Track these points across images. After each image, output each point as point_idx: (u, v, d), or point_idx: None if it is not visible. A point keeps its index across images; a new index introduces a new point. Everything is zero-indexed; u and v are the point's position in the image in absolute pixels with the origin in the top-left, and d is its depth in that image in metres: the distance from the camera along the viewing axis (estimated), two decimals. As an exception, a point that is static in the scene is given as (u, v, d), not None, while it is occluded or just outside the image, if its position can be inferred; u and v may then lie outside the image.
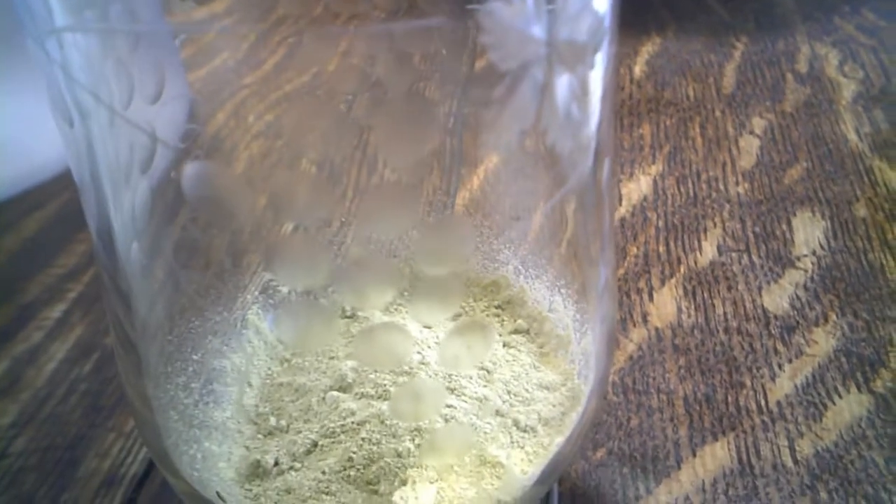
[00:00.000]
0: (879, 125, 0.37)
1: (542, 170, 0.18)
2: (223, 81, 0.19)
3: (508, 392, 0.20)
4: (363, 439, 0.19)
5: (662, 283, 0.30)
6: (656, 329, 0.28)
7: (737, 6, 0.47)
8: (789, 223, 0.32)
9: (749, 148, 0.36)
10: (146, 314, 0.18)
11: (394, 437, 0.18)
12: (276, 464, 0.19)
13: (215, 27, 0.17)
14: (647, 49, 0.44)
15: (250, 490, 0.19)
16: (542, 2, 0.13)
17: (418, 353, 0.20)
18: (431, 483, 0.18)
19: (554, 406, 0.20)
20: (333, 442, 0.19)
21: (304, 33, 0.18)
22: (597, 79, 0.14)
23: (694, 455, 0.24)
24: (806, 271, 0.30)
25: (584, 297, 0.21)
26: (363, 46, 0.18)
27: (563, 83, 0.13)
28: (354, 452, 0.18)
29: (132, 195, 0.15)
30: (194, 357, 0.20)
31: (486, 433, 0.19)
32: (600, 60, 0.13)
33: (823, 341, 0.27)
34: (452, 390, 0.19)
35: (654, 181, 0.34)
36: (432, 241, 0.12)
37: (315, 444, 0.19)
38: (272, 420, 0.20)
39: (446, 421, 0.18)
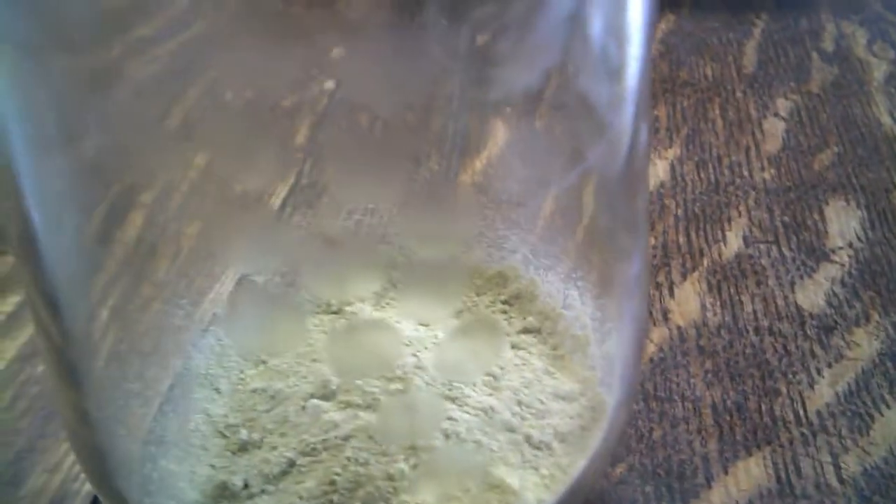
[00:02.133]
0: (914, 108, 0.34)
1: (560, 136, 0.16)
2: (196, 54, 0.16)
3: (519, 402, 0.17)
4: (348, 458, 0.16)
5: (684, 277, 0.27)
6: (678, 328, 0.25)
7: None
8: (821, 212, 0.29)
9: (774, 131, 0.33)
10: (91, 311, 0.15)
11: (384, 455, 0.16)
12: (246, 486, 0.16)
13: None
14: (661, 27, 0.41)
15: (216, 516, 0.16)
16: None
17: (413, 355, 0.17)
18: (428, 512, 0.15)
19: (571, 418, 0.17)
20: (313, 461, 0.16)
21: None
22: (637, 7, 0.11)
23: (726, 472, 0.21)
24: (842, 265, 0.27)
25: (606, 291, 0.18)
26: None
27: (598, 9, 0.10)
28: (338, 474, 0.16)
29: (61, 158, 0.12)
30: (153, 359, 0.18)
31: (492, 451, 0.16)
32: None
33: (866, 343, 0.24)
34: (454, 399, 0.17)
35: (672, 166, 0.32)
36: (427, 217, 0.10)
37: (292, 464, 0.16)
38: (243, 433, 0.17)
39: (447, 437, 0.16)
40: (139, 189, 0.16)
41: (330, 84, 0.18)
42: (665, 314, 0.26)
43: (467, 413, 0.16)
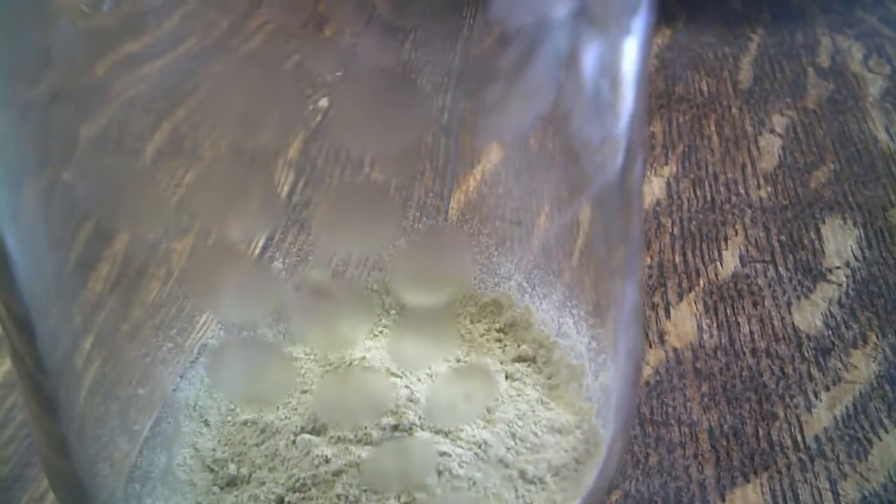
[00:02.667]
0: (910, 124, 0.34)
1: (553, 165, 0.15)
2: (186, 71, 0.16)
3: (513, 436, 0.17)
4: (338, 496, 0.15)
5: (680, 297, 0.27)
6: (675, 350, 0.25)
7: (750, -3, 0.44)
8: (818, 231, 0.29)
9: (770, 148, 0.33)
10: (74, 339, 0.15)
11: (375, 493, 0.15)
12: (233, 525, 0.16)
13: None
14: (657, 41, 0.41)
15: (201, 556, 0.16)
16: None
17: (406, 387, 0.17)
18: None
19: (566, 452, 0.17)
20: (303, 498, 0.16)
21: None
22: (632, 49, 0.10)
23: (723, 499, 0.21)
24: (840, 285, 0.27)
25: (602, 320, 0.18)
26: (341, 17, 0.15)
27: (592, 53, 0.10)
28: (327, 512, 0.15)
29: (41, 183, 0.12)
30: (140, 392, 0.17)
31: (486, 488, 0.15)
32: (638, 26, 0.10)
33: (864, 366, 0.24)
34: (446, 433, 0.16)
35: (668, 183, 0.31)
36: (418, 264, 0.09)
37: (280, 500, 0.16)
38: (231, 467, 0.17)
39: (439, 474, 0.15)
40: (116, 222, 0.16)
41: (324, 102, 0.17)
42: (661, 336, 0.25)
43: (460, 447, 0.16)
